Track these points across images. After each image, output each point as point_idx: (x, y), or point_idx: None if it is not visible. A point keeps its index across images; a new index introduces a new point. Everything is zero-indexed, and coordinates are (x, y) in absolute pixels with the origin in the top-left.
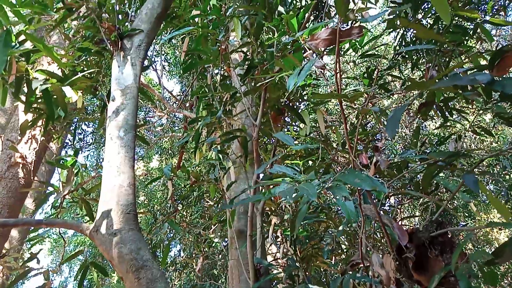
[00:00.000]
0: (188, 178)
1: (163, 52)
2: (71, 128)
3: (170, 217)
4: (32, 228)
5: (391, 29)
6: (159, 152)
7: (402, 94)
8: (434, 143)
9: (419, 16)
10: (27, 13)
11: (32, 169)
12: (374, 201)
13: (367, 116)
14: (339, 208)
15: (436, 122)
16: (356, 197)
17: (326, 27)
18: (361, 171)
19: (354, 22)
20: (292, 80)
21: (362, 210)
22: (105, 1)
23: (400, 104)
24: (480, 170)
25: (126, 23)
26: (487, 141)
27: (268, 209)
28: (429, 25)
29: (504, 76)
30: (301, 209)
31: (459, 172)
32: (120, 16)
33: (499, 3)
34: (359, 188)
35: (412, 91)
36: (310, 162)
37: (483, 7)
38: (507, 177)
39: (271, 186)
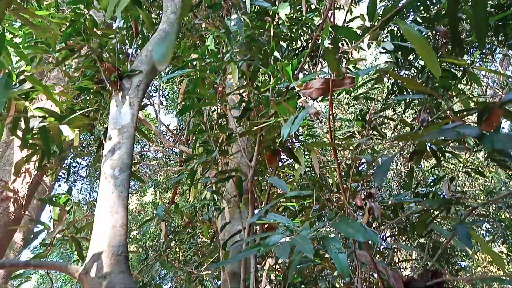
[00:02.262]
0: (182, 218)
1: (161, 88)
2: (65, 163)
3: (163, 256)
4: None
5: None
6: (154, 186)
7: (394, 140)
8: (428, 183)
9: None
10: (28, 52)
11: (23, 203)
12: (370, 244)
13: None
14: None
15: (429, 161)
16: (351, 242)
17: (319, 77)
18: (354, 217)
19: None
20: (286, 129)
21: (357, 258)
22: (106, 41)
23: (392, 149)
24: (475, 214)
25: (126, 63)
26: (481, 179)
27: None
28: (420, 67)
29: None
30: (295, 260)
31: (453, 218)
32: (120, 56)
33: (487, 47)
34: None
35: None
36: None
37: (471, 50)
38: (503, 215)
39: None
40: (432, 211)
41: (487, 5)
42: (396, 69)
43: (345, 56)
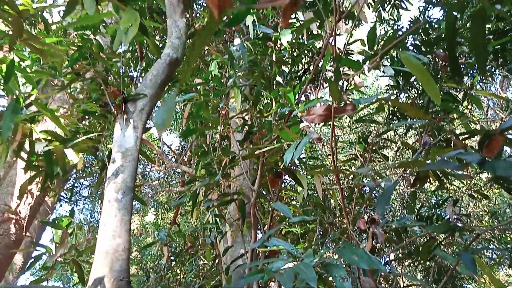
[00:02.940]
0: (184, 242)
1: None
2: (68, 184)
3: (164, 279)
4: None
5: (386, 90)
6: (155, 206)
7: (396, 167)
8: (432, 205)
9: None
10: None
11: (25, 224)
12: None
13: (364, 179)
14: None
15: (433, 183)
16: (354, 268)
17: (321, 104)
18: (358, 242)
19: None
20: (289, 154)
21: (361, 284)
22: (112, 65)
23: (395, 170)
24: (480, 238)
25: (131, 86)
26: (485, 201)
27: None
28: (421, 88)
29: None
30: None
31: (458, 243)
32: (125, 79)
33: (487, 68)
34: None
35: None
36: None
37: (472, 71)
38: (509, 238)
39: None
40: (436, 236)
41: (485, 34)
42: (396, 92)
43: (347, 80)
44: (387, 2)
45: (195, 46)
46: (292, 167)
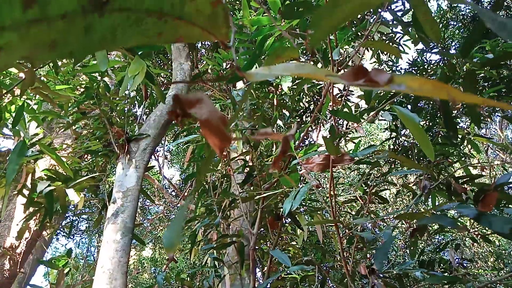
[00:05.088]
0: (181, 286)
1: (165, 143)
2: (66, 219)
3: None
4: None
5: (386, 127)
6: (153, 241)
7: (394, 217)
8: (434, 249)
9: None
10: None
11: (19, 260)
12: None
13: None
14: None
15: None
16: None
17: (320, 154)
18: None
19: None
20: (288, 204)
21: None
22: (116, 105)
23: (394, 222)
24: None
25: (134, 125)
26: (487, 245)
27: None
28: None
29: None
30: None
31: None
32: (129, 118)
33: (484, 109)
34: None
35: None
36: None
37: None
38: None
39: None
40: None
41: (477, 92)
42: (395, 135)
43: (344, 131)
44: None
45: (200, 173)
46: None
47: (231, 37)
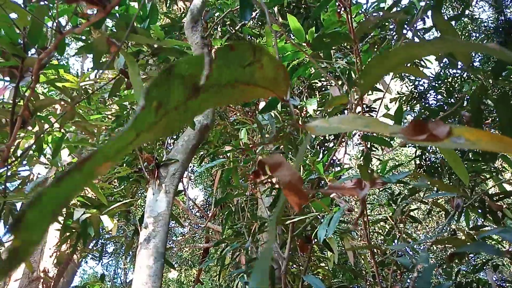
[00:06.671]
0: None
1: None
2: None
3: None
4: None
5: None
6: (178, 263)
7: (432, 243)
8: (471, 269)
9: None
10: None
11: (52, 284)
12: None
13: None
14: None
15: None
16: None
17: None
18: None
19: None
20: (322, 231)
21: None
22: None
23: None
24: None
25: (162, 150)
26: None
27: None
28: None
29: None
30: None
31: None
32: (157, 144)
33: None
34: None
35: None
36: None
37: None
38: None
39: None
40: None
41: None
42: (425, 157)
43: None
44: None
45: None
46: None
47: (288, 93)
